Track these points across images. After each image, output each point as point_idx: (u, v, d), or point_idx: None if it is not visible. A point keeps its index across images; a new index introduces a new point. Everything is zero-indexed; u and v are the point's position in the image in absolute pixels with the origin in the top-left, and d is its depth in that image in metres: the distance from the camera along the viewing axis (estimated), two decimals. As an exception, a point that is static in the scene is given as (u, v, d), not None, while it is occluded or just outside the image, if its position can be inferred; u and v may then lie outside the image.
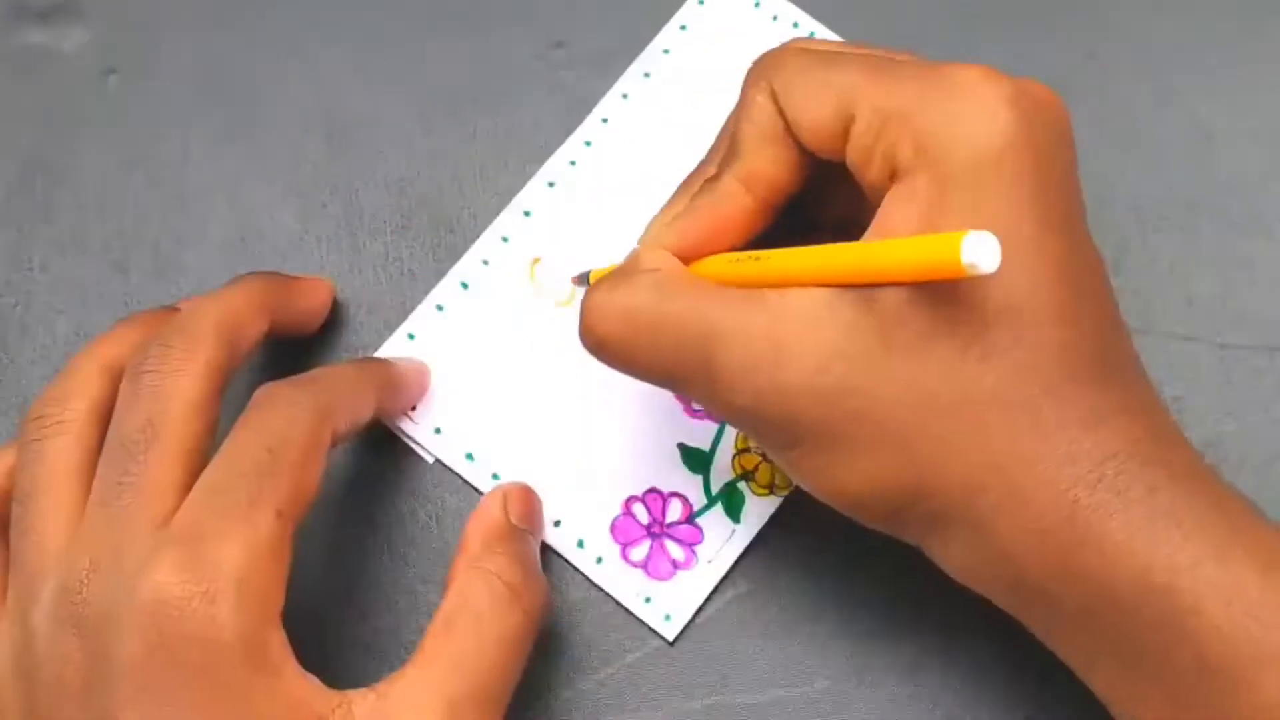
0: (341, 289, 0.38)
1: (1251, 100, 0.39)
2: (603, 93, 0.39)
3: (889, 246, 0.27)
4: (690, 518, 0.36)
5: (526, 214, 0.38)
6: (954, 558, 0.29)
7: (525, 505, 0.35)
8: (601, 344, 0.31)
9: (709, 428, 0.37)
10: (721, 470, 0.36)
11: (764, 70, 0.31)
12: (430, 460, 0.37)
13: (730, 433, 0.37)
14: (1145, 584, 0.26)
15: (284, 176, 0.39)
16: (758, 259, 0.30)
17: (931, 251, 0.26)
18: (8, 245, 0.39)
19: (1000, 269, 0.25)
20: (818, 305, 0.28)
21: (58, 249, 0.39)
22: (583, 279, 0.36)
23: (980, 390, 0.27)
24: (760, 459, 0.36)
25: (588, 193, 0.38)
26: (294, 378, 0.32)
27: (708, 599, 0.36)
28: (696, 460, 0.36)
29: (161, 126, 0.40)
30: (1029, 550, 0.28)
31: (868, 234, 0.29)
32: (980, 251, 0.25)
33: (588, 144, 0.39)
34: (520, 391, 0.37)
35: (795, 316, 0.28)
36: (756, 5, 0.40)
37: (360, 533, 0.36)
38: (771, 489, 0.36)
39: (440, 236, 0.39)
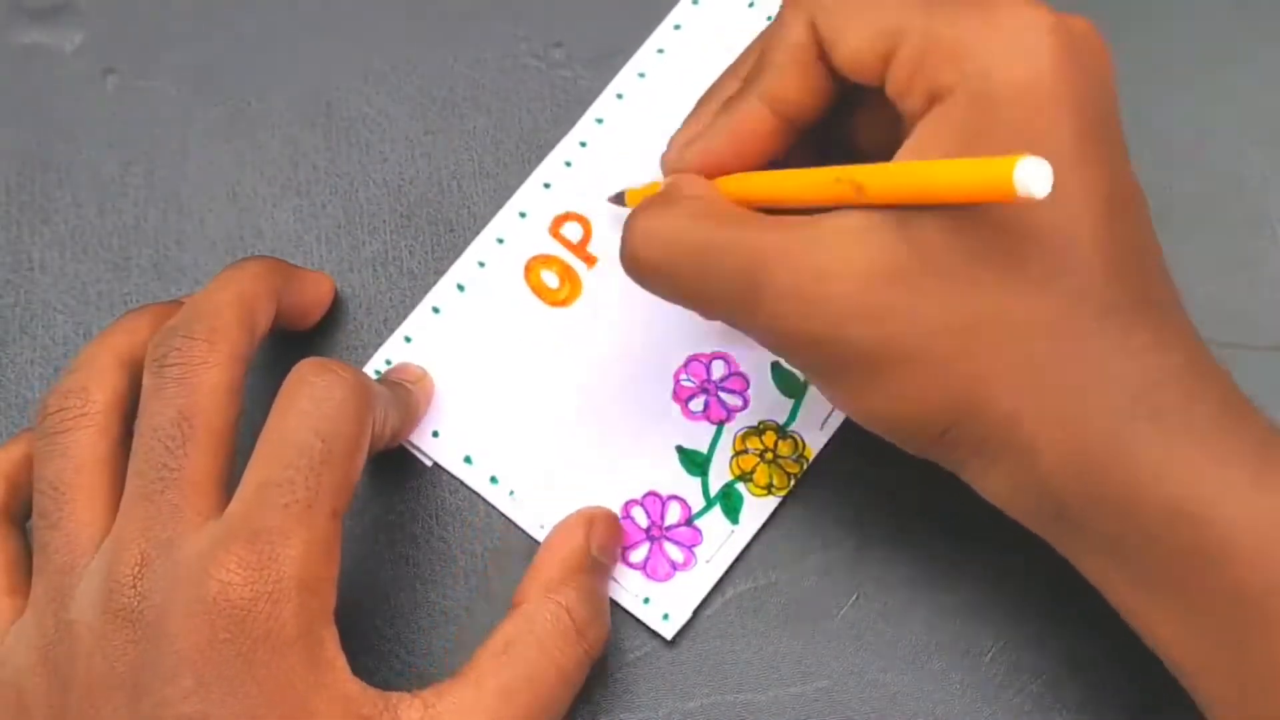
0: (340, 288, 0.38)
1: (1251, 99, 0.39)
2: (601, 91, 0.39)
3: (938, 167, 0.27)
4: (689, 520, 0.36)
5: (522, 215, 0.38)
6: (992, 484, 0.30)
7: (609, 537, 0.35)
8: (644, 270, 0.31)
9: (707, 429, 0.37)
10: (719, 472, 0.36)
11: None
12: (428, 464, 0.37)
13: (728, 434, 0.36)
14: (1178, 510, 0.27)
15: (283, 176, 0.39)
16: (799, 177, 0.30)
17: (983, 173, 0.26)
18: (7, 245, 0.39)
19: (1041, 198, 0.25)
20: (856, 228, 0.28)
21: (57, 248, 0.39)
22: (618, 198, 0.36)
23: (1020, 315, 0.28)
24: (758, 460, 0.36)
25: (583, 193, 0.38)
26: (333, 359, 0.32)
27: (707, 598, 0.36)
28: (694, 462, 0.36)
29: (160, 126, 0.40)
30: (1066, 476, 0.28)
31: (899, 154, 0.29)
32: (1033, 176, 0.25)
33: (583, 144, 0.39)
34: (518, 394, 0.37)
35: (834, 240, 0.28)
36: (751, 5, 0.40)
37: (360, 534, 0.36)
38: (769, 489, 0.36)
39: (439, 236, 0.39)
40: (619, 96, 0.39)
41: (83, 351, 0.33)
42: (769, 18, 0.39)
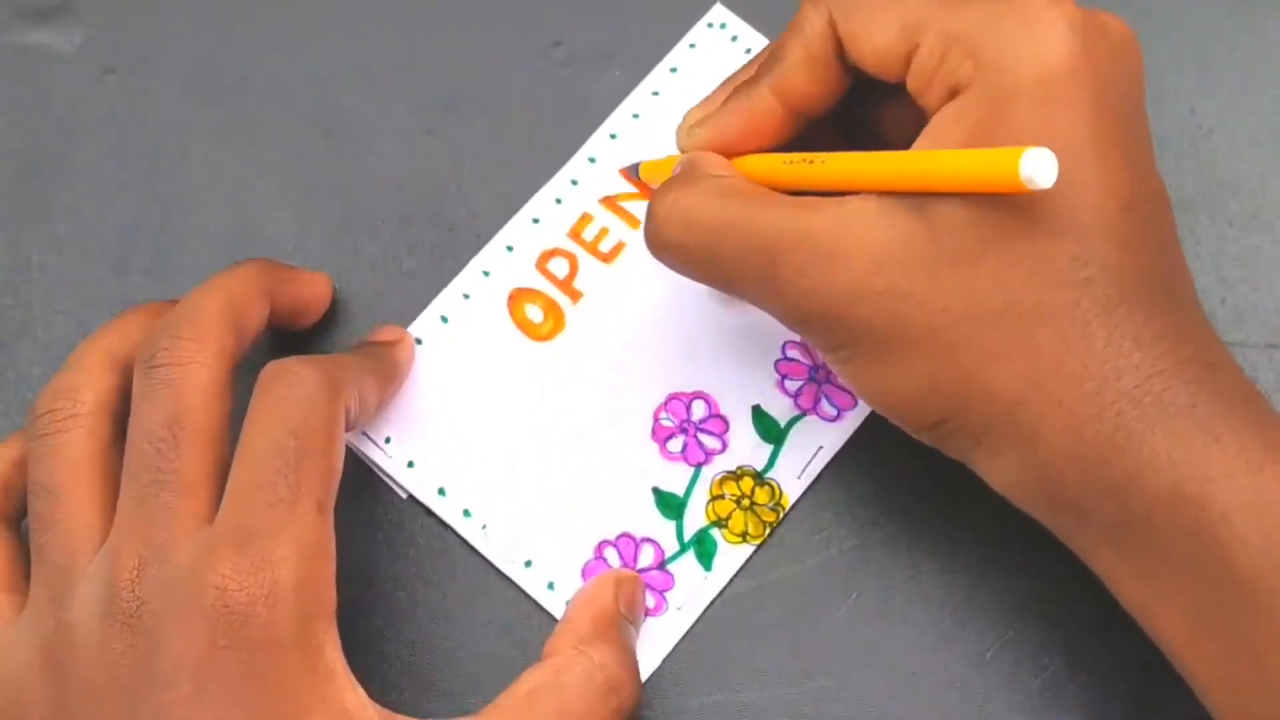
0: (340, 288, 0.38)
1: (1250, 97, 0.39)
2: (601, 91, 0.39)
3: (947, 156, 0.28)
4: (662, 564, 0.36)
5: (509, 249, 0.38)
6: (997, 471, 0.30)
7: (635, 597, 0.35)
8: (667, 246, 0.32)
9: (684, 472, 0.36)
10: (695, 516, 0.36)
11: None
12: (403, 495, 0.36)
13: (705, 477, 0.36)
14: (1177, 493, 0.27)
15: (282, 176, 0.39)
16: (813, 162, 0.31)
17: (989, 163, 0.26)
18: (6, 245, 0.39)
19: (1058, 186, 0.26)
20: (873, 211, 0.29)
21: (56, 249, 0.39)
22: (632, 170, 0.37)
23: (1030, 304, 0.28)
24: (734, 506, 0.36)
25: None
26: (296, 357, 0.32)
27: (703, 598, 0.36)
28: (670, 505, 0.36)
29: (159, 126, 0.40)
30: (1068, 462, 0.28)
31: (916, 144, 0.29)
32: (1038, 166, 0.25)
33: (574, 182, 0.39)
34: (496, 427, 0.37)
35: (851, 221, 0.29)
36: (748, 52, 0.40)
37: (360, 533, 0.36)
38: (744, 537, 0.36)
39: (439, 236, 0.39)
40: (612, 137, 0.39)
41: (75, 351, 0.33)
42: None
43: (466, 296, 0.38)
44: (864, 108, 0.33)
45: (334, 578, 0.30)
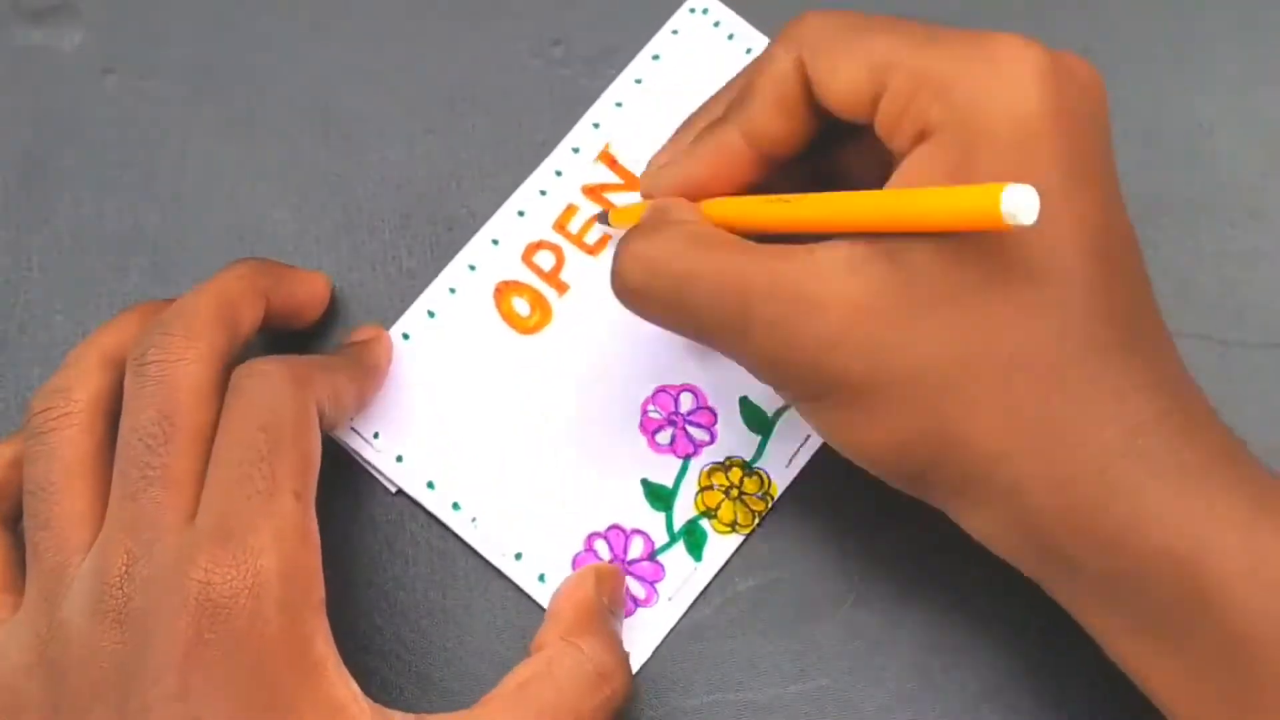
0: (339, 287, 0.38)
1: (1250, 95, 0.39)
2: (600, 89, 0.39)
3: (927, 194, 0.27)
4: (652, 555, 0.36)
5: (495, 242, 0.38)
6: (979, 522, 0.29)
7: (616, 589, 0.35)
8: (634, 294, 0.31)
9: (673, 463, 0.36)
10: (684, 507, 0.36)
11: (794, 33, 0.31)
12: (392, 490, 0.36)
13: (694, 469, 0.36)
14: (1169, 553, 0.26)
15: (282, 175, 0.39)
16: (789, 202, 0.30)
17: (970, 201, 0.26)
18: (6, 245, 0.39)
19: (1032, 230, 0.25)
20: (847, 259, 0.28)
21: (56, 249, 0.39)
22: (603, 217, 0.36)
23: (1006, 352, 0.27)
24: (723, 496, 0.36)
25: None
26: (266, 357, 0.32)
27: (707, 594, 0.36)
28: (659, 497, 0.36)
29: (160, 126, 0.40)
30: (1054, 517, 0.28)
31: (887, 187, 0.29)
32: (1020, 203, 0.25)
33: (558, 173, 0.39)
34: (484, 421, 0.37)
35: (825, 270, 0.28)
36: (730, 37, 0.39)
37: (359, 533, 0.36)
38: (734, 527, 0.36)
39: (438, 235, 0.39)
40: (595, 126, 0.39)
41: (73, 350, 0.33)
42: (749, 50, 0.39)
43: (453, 291, 0.38)
44: (832, 149, 0.32)
45: (319, 568, 0.30)
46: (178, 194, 0.39)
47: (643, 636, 0.35)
